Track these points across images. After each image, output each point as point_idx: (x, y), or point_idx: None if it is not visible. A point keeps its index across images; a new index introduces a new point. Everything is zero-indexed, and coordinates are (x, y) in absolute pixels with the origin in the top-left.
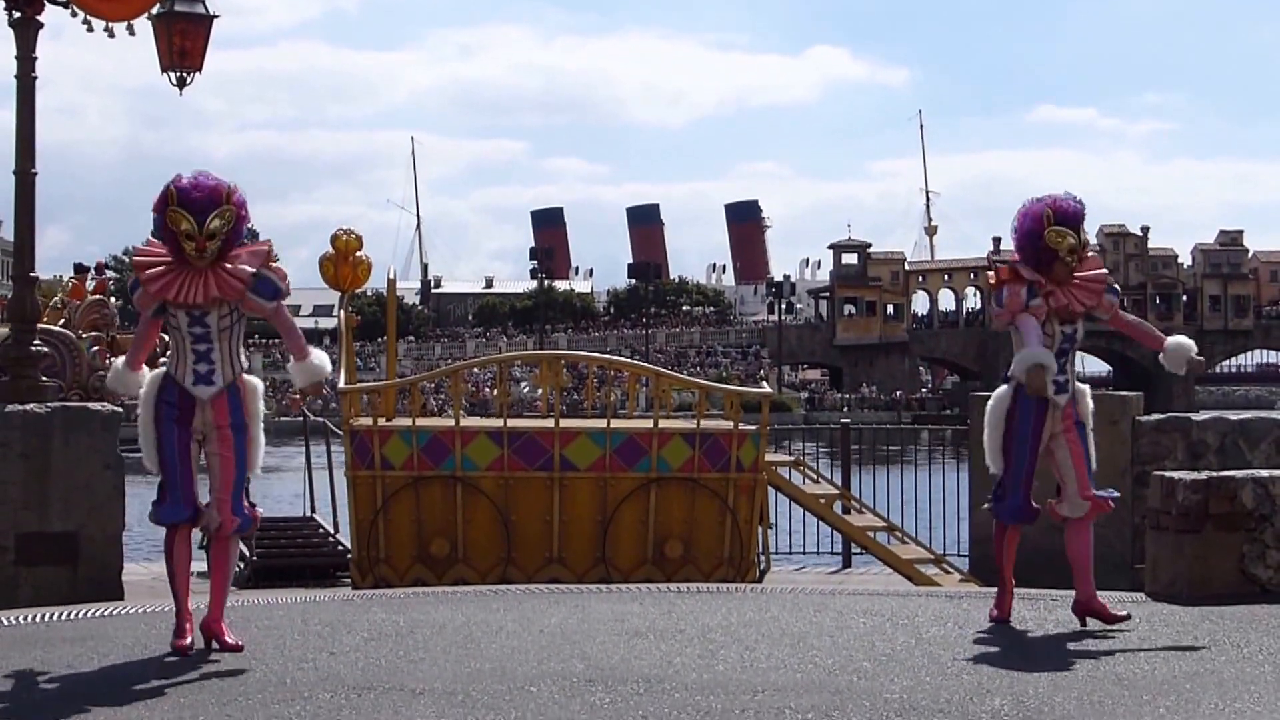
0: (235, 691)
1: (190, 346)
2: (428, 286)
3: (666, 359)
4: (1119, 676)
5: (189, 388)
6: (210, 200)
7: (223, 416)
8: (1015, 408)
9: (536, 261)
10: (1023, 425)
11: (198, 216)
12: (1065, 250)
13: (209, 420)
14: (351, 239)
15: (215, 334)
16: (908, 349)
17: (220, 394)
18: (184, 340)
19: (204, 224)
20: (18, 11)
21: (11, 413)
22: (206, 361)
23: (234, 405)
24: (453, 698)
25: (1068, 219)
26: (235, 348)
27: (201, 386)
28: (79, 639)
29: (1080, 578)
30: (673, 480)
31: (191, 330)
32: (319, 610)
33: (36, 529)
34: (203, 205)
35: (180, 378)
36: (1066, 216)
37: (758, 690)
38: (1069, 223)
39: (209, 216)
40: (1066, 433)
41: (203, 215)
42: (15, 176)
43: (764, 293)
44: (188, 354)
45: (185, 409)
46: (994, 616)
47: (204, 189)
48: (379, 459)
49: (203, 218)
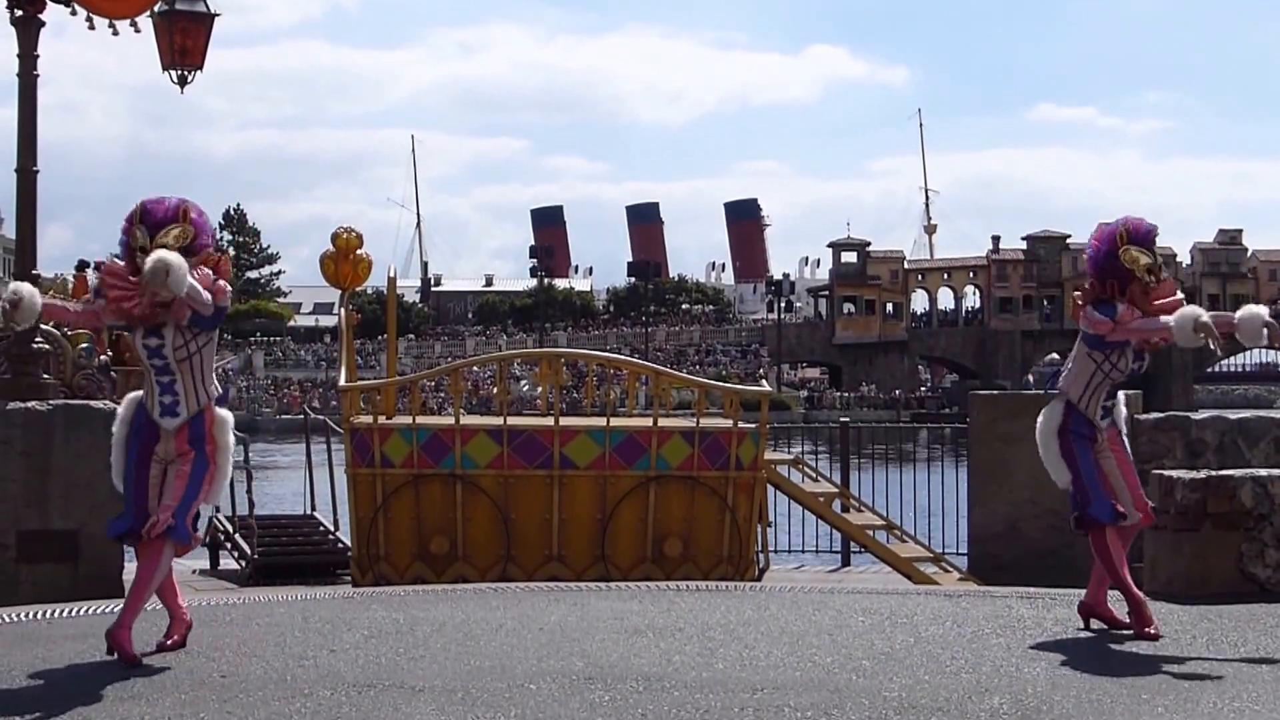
0: (236, 689)
1: (154, 378)
2: (428, 285)
3: (666, 357)
4: (1117, 675)
5: (156, 419)
6: (168, 217)
7: (184, 445)
8: (1066, 423)
9: (536, 260)
10: (1077, 439)
11: (152, 231)
12: (1142, 270)
13: (171, 450)
14: (352, 237)
15: (174, 364)
16: (907, 348)
17: (184, 424)
18: (149, 371)
19: (154, 238)
20: (19, 10)
21: (13, 410)
22: (170, 393)
23: (196, 435)
24: (452, 695)
25: (1141, 238)
26: (200, 377)
27: (167, 418)
28: (80, 636)
29: (1097, 582)
30: (672, 478)
31: (151, 362)
32: (319, 608)
33: (38, 526)
34: (159, 221)
35: (150, 408)
36: (1140, 235)
37: (757, 688)
38: (1143, 242)
39: (164, 231)
40: (1113, 444)
41: (158, 230)
42: (17, 174)
43: (763, 291)
44: (154, 386)
45: (152, 437)
46: (1150, 634)
47: (164, 207)
48: (379, 457)
49: (157, 232)
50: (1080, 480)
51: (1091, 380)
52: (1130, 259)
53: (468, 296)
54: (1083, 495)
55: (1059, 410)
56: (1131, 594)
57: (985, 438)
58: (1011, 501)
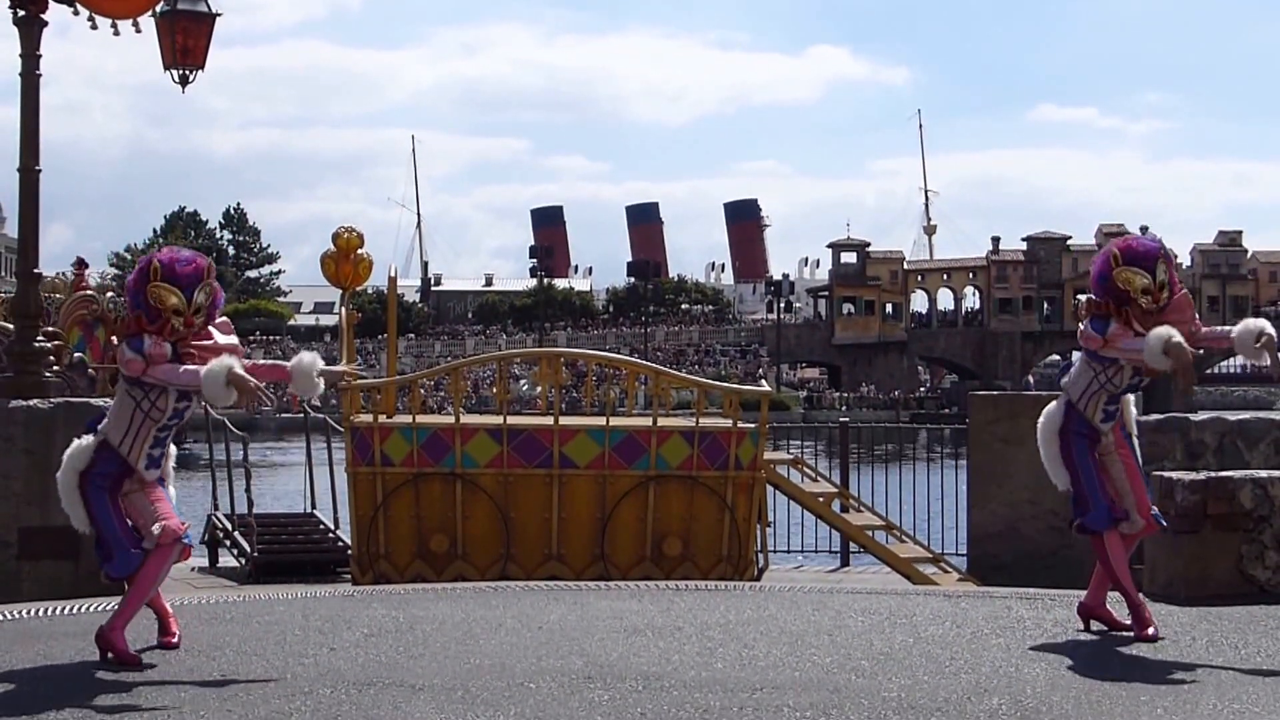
0: (236, 686)
1: (154, 432)
2: (428, 284)
3: (665, 357)
4: (1117, 677)
5: (140, 470)
6: (195, 275)
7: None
8: (1068, 424)
9: (536, 260)
10: (1077, 439)
11: (185, 291)
12: (1137, 290)
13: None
14: (353, 237)
15: (181, 421)
16: (906, 348)
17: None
18: (151, 424)
19: (191, 298)
20: (22, 10)
21: (15, 408)
22: (160, 446)
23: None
24: (452, 694)
25: (1138, 259)
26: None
27: (152, 469)
28: (81, 633)
29: (1097, 584)
30: (671, 478)
31: (170, 421)
32: (319, 606)
33: (39, 523)
34: (189, 280)
35: (134, 460)
36: (1137, 256)
37: (756, 688)
38: (1140, 262)
39: (195, 290)
40: (1119, 448)
41: (190, 290)
42: (19, 173)
43: (763, 291)
44: (148, 439)
45: (118, 478)
46: (1149, 636)
47: (188, 262)
48: (379, 456)
49: (190, 292)
50: (1079, 484)
51: (1089, 388)
52: (1124, 279)
53: (468, 296)
54: (1081, 500)
55: (1059, 410)
56: (1131, 596)
57: (984, 438)
58: (1010, 502)
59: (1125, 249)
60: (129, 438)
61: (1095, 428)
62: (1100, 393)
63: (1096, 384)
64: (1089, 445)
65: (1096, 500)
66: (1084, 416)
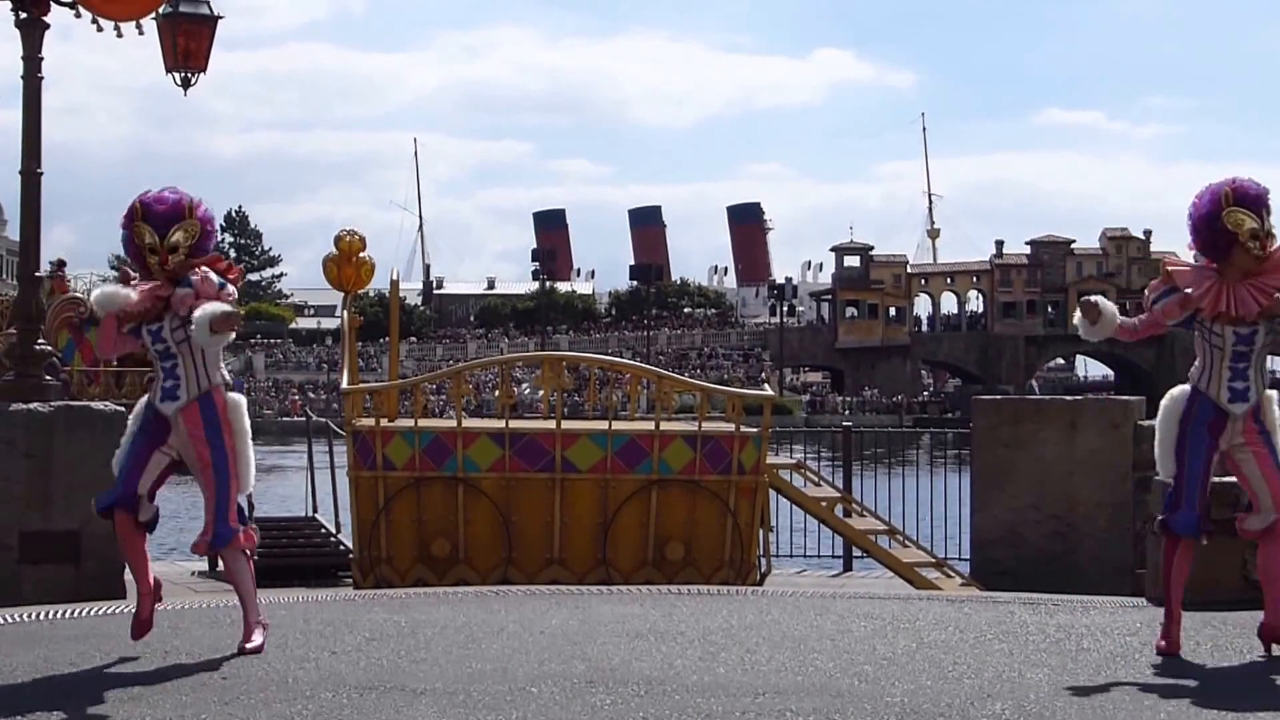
0: (237, 690)
1: (159, 365)
2: (430, 287)
3: (668, 361)
4: (1121, 682)
5: (158, 405)
6: (173, 213)
7: (196, 428)
8: (1191, 409)
9: (538, 263)
10: (1197, 429)
11: (160, 229)
12: (1246, 235)
13: (183, 437)
14: (354, 240)
15: (174, 346)
16: (909, 352)
17: (189, 406)
18: (155, 360)
19: (165, 236)
20: (24, 12)
21: (15, 411)
22: (172, 377)
23: (207, 418)
24: (454, 698)
25: (1249, 201)
26: (204, 361)
27: (167, 402)
28: (81, 637)
29: (1273, 599)
30: (674, 482)
31: (155, 347)
32: (321, 610)
33: (39, 527)
34: (165, 219)
35: (154, 397)
36: (1248, 198)
37: (758, 693)
38: (1250, 205)
39: (171, 229)
40: (1251, 444)
41: (165, 228)
42: (20, 176)
43: (766, 295)
44: (159, 372)
45: (160, 426)
46: (1161, 649)
47: (166, 203)
48: (381, 459)
49: (165, 230)
50: (1180, 479)
51: (1203, 358)
52: (1235, 221)
53: (469, 299)
54: (1175, 497)
55: (1183, 394)
56: (1175, 609)
57: (988, 443)
58: (1014, 507)
59: (1238, 188)
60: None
61: (1223, 410)
62: (1218, 358)
63: (1206, 345)
64: (1209, 438)
65: (1191, 504)
66: (1208, 398)
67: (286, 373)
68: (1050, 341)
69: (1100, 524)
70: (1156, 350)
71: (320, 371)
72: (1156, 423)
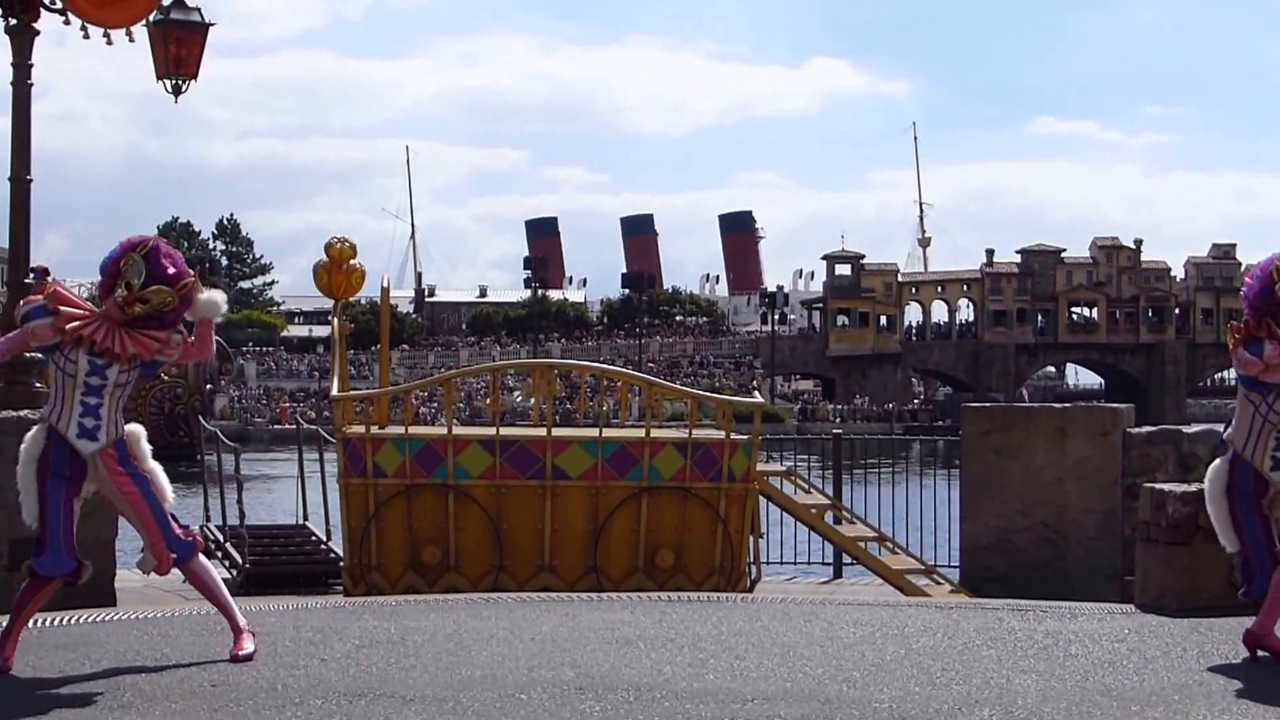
0: (227, 697)
1: (80, 397)
2: (422, 295)
3: (659, 369)
4: (1108, 688)
5: (73, 440)
6: (170, 279)
7: (112, 463)
8: (1233, 479)
9: (530, 271)
10: (1242, 498)
11: (149, 280)
12: None
13: (104, 477)
14: (345, 247)
15: (109, 389)
16: (900, 360)
17: (106, 450)
18: (73, 390)
19: (145, 288)
20: (14, 19)
21: (6, 419)
22: (94, 416)
23: (121, 455)
24: (443, 705)
25: None
26: (120, 406)
27: (86, 441)
28: (71, 645)
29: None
30: (664, 490)
31: (87, 380)
32: (311, 617)
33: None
34: (161, 276)
35: (64, 429)
36: None
37: (747, 699)
38: None
39: (156, 286)
40: None
41: (153, 281)
42: (10, 183)
43: (757, 303)
44: (75, 405)
45: (75, 468)
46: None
47: (174, 267)
48: (371, 467)
49: (151, 282)
50: (1246, 548)
51: (1253, 425)
52: None
53: (461, 307)
54: (1249, 566)
55: (1224, 466)
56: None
57: (977, 450)
58: (1003, 514)
59: None
60: (56, 406)
61: (1264, 477)
62: (1267, 430)
63: (1259, 417)
64: (1255, 500)
65: (1265, 567)
66: (1250, 465)
67: (278, 380)
68: (1040, 349)
69: (1089, 531)
70: (1146, 358)
71: (312, 379)
72: (1207, 501)
